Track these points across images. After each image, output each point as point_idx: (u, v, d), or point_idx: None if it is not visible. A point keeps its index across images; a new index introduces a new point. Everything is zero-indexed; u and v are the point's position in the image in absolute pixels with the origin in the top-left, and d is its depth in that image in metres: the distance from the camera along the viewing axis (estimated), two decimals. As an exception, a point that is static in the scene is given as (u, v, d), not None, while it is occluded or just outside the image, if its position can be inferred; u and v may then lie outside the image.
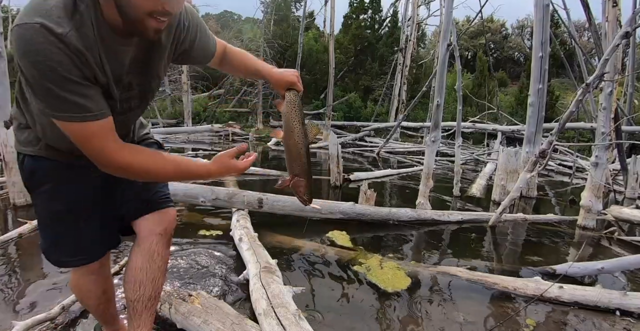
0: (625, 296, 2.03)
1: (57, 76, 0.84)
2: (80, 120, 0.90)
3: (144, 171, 1.01)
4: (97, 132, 0.93)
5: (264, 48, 14.77)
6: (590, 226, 3.64)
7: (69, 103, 0.87)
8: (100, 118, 0.92)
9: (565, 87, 17.78)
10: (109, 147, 0.95)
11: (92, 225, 1.20)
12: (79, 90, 0.88)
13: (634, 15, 3.45)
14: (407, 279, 2.33)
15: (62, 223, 1.17)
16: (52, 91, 0.85)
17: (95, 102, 0.91)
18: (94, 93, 0.91)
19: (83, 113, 0.89)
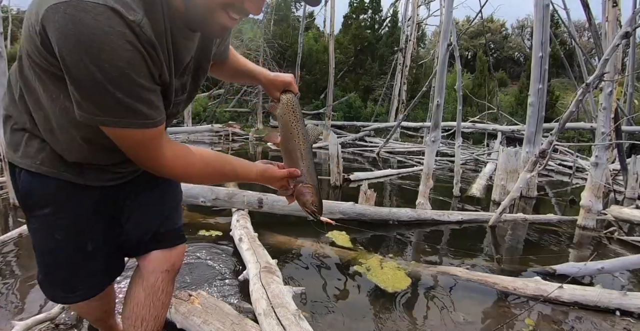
0: (625, 296, 2.03)
1: (125, 80, 0.71)
2: (140, 127, 0.78)
3: (197, 176, 0.96)
4: (155, 139, 0.83)
5: (264, 48, 14.77)
6: (590, 226, 3.64)
7: (130, 110, 0.75)
8: (159, 125, 0.82)
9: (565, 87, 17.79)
10: (164, 154, 0.86)
11: (98, 254, 1.05)
12: (144, 96, 0.76)
13: (634, 15, 3.45)
14: (407, 279, 2.33)
15: (62, 253, 1.01)
16: (113, 96, 0.71)
17: (157, 108, 0.81)
18: (157, 98, 0.81)
19: (144, 120, 0.78)
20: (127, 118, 0.76)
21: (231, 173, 0.99)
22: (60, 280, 1.05)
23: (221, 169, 0.97)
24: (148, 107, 0.78)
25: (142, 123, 0.79)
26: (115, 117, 0.76)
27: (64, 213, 0.97)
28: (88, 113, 0.75)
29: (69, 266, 1.03)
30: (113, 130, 0.79)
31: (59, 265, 1.02)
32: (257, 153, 9.25)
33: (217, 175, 0.97)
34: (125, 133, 0.79)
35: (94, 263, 1.06)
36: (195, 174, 0.94)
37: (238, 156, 1.19)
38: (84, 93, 0.72)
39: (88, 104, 0.73)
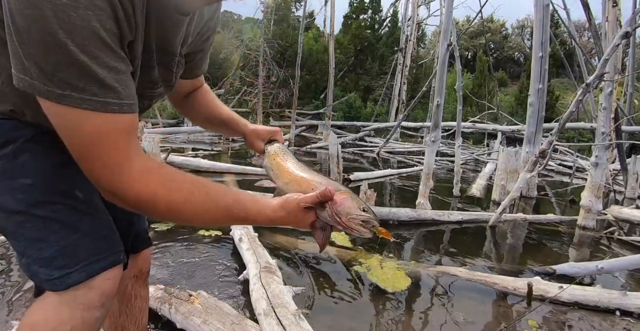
0: (625, 296, 2.03)
1: (90, 34, 0.51)
2: (100, 109, 0.55)
3: (180, 208, 0.63)
4: (121, 135, 0.58)
5: (264, 48, 14.78)
6: (590, 226, 3.64)
7: (92, 80, 0.53)
8: (129, 112, 0.58)
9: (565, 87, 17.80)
10: (130, 165, 0.59)
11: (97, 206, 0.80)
12: (112, 63, 0.55)
13: (634, 15, 3.46)
14: (407, 279, 2.33)
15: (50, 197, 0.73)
16: (70, 55, 0.51)
17: (126, 86, 0.58)
18: (126, 72, 0.59)
19: (107, 98, 0.55)
20: (84, 92, 0.53)
21: (235, 207, 0.68)
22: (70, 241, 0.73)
23: (219, 200, 0.67)
24: (116, 80, 0.56)
25: (104, 102, 0.55)
26: (65, 88, 0.53)
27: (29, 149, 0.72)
28: (26, 79, 0.53)
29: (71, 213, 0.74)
30: (57, 109, 0.55)
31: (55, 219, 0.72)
32: (257, 153, 9.24)
33: (213, 209, 0.66)
34: (76, 117, 0.55)
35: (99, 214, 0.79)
36: (177, 202, 0.62)
37: (237, 156, 1.04)
38: (27, 49, 0.52)
39: (31, 65, 0.52)
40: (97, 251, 0.76)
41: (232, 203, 0.68)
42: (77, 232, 0.74)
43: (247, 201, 0.70)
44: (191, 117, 1.07)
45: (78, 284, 0.72)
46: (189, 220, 0.68)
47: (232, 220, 0.70)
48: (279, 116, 15.86)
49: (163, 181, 0.62)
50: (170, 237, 2.82)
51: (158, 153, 4.39)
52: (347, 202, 0.70)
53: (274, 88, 15.99)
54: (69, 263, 0.72)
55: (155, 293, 1.77)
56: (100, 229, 0.78)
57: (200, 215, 0.66)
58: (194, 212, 0.65)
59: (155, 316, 1.73)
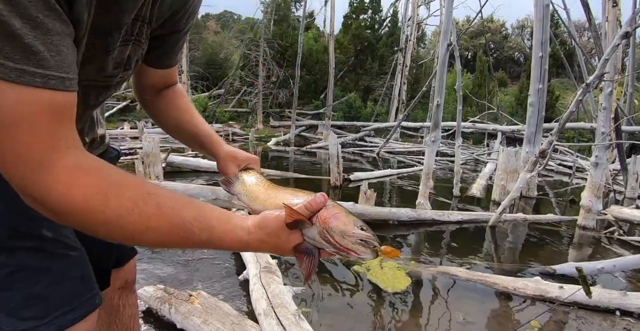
0: (625, 296, 2.03)
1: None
2: (14, 79, 0.41)
3: (115, 216, 0.48)
4: (42, 115, 0.44)
5: (264, 48, 14.78)
6: (590, 226, 3.64)
7: (5, 34, 0.39)
8: (56, 87, 0.44)
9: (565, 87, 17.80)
10: (52, 151, 0.45)
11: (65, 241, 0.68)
12: (38, 15, 0.41)
13: (634, 15, 3.46)
14: (407, 279, 2.33)
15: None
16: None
17: (59, 53, 0.43)
18: (62, 34, 0.44)
19: (26, 64, 0.41)
20: (7, 58, 0.40)
21: (195, 226, 0.52)
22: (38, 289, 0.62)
23: (174, 215, 0.51)
24: (43, 42, 0.41)
25: (22, 70, 0.41)
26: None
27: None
28: None
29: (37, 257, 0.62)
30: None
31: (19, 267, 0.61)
32: (257, 153, 9.26)
33: (164, 226, 0.50)
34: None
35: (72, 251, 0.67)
36: (115, 214, 0.48)
37: None
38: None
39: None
40: (69, 298, 0.65)
41: (192, 221, 0.52)
42: (45, 279, 0.63)
43: (213, 218, 0.54)
44: (160, 121, 0.88)
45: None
46: (132, 239, 0.51)
47: (190, 242, 0.53)
48: (279, 116, 15.86)
49: (100, 184, 0.47)
50: (170, 237, 2.82)
51: (158, 153, 4.39)
52: (342, 217, 0.55)
53: (274, 88, 15.99)
54: (37, 314, 0.62)
55: (155, 293, 1.77)
56: (74, 270, 0.67)
57: (147, 233, 0.50)
58: (140, 228, 0.49)
59: (155, 317, 1.73)
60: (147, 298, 1.77)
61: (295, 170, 6.58)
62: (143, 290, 1.81)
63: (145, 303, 1.79)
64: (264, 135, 12.71)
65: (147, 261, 2.39)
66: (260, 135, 12.65)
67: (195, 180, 5.11)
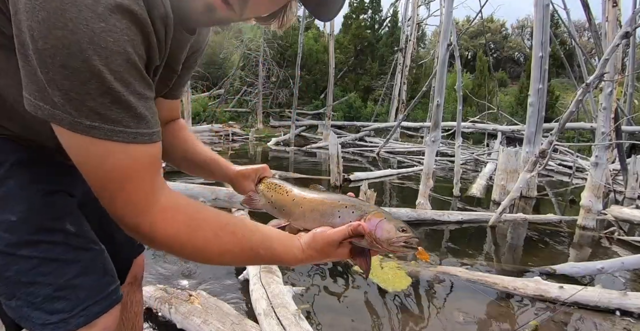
0: (625, 296, 2.03)
1: (123, 61, 0.48)
2: (130, 140, 0.51)
3: (202, 247, 0.60)
4: (147, 165, 0.54)
5: (264, 48, 14.78)
6: (590, 226, 3.64)
7: (123, 107, 0.49)
8: (156, 140, 0.55)
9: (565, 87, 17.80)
10: (156, 200, 0.56)
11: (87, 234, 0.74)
12: (142, 91, 0.51)
13: (634, 15, 3.46)
14: (407, 279, 2.33)
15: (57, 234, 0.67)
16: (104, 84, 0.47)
17: (154, 113, 0.55)
18: (152, 98, 0.55)
19: (137, 128, 0.51)
20: (115, 124, 0.49)
21: (261, 248, 0.64)
22: (65, 281, 0.66)
23: (245, 241, 0.63)
24: (146, 108, 0.52)
25: (136, 133, 0.51)
26: (95, 119, 0.48)
27: (14, 176, 0.65)
28: (50, 106, 0.48)
29: (63, 250, 0.67)
30: (80, 141, 0.50)
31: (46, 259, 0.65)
32: (257, 154, 9.25)
33: (238, 249, 0.62)
34: (103, 150, 0.50)
35: (94, 245, 0.73)
36: (202, 243, 0.59)
37: (237, 157, 0.88)
38: (52, 75, 0.46)
39: (55, 92, 0.47)
40: (95, 291, 0.69)
41: (259, 244, 0.64)
42: (71, 271, 0.67)
43: (274, 240, 0.65)
44: (167, 154, 0.93)
45: (77, 329, 0.67)
46: (213, 260, 0.63)
47: (259, 260, 0.65)
48: (279, 116, 15.86)
49: (188, 220, 0.58)
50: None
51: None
52: (385, 226, 0.63)
53: (274, 88, 15.99)
54: (66, 306, 0.65)
55: (155, 293, 1.77)
56: (97, 263, 0.72)
57: (225, 256, 0.62)
58: (219, 252, 0.61)
59: (155, 317, 1.73)
60: (147, 298, 1.77)
61: (295, 170, 6.58)
62: (143, 290, 1.80)
63: (145, 303, 1.79)
64: (264, 135, 12.72)
65: (147, 261, 2.39)
66: (260, 135, 12.65)
67: (195, 180, 5.11)
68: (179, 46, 0.68)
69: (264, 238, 0.64)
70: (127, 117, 0.50)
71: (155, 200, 0.55)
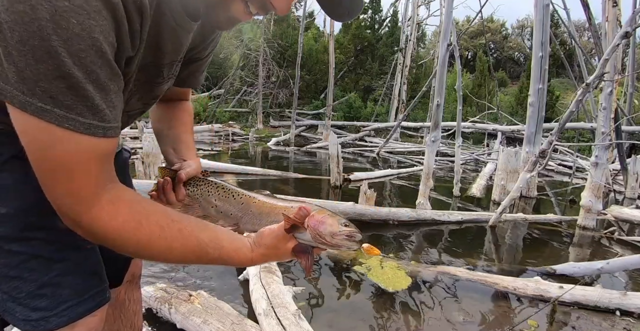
0: (625, 296, 2.03)
1: (87, 44, 0.46)
2: (82, 130, 0.50)
3: (145, 243, 0.58)
4: (95, 158, 0.53)
5: (264, 48, 14.78)
6: (590, 226, 3.64)
7: (80, 98, 0.48)
8: (110, 137, 0.54)
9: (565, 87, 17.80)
10: (100, 194, 0.55)
11: None
12: (104, 81, 0.50)
13: (634, 15, 3.46)
14: (407, 279, 2.33)
15: None
16: (61, 68, 0.46)
17: (113, 108, 0.53)
18: (118, 91, 0.54)
19: (92, 119, 0.50)
20: (68, 110, 0.48)
21: (210, 247, 0.63)
22: (50, 279, 0.65)
23: (192, 238, 0.62)
24: (105, 101, 0.51)
25: (89, 124, 0.50)
26: (48, 102, 0.47)
27: (9, 170, 0.63)
28: (2, 82, 0.47)
29: (52, 247, 0.65)
30: (30, 124, 0.48)
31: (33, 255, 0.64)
32: (257, 153, 9.26)
33: (184, 247, 0.61)
34: (51, 136, 0.49)
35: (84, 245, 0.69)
36: (146, 238, 0.58)
37: (237, 157, 0.88)
38: (8, 49, 0.45)
39: (10, 68, 0.46)
40: (81, 290, 0.67)
41: (208, 242, 0.62)
42: (58, 269, 0.65)
43: (224, 239, 0.64)
44: (153, 119, 0.95)
45: (57, 328, 0.65)
46: (156, 257, 0.62)
47: (206, 260, 0.63)
48: (279, 116, 15.86)
49: (133, 213, 0.57)
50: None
51: (158, 153, 4.39)
52: (328, 220, 0.65)
53: (274, 88, 15.99)
54: (48, 305, 0.64)
55: (155, 293, 1.77)
56: (86, 263, 0.70)
57: (170, 253, 0.60)
58: (165, 248, 0.59)
59: (155, 317, 1.73)
60: (147, 298, 1.77)
61: (295, 170, 6.58)
62: (143, 290, 1.80)
63: (145, 303, 1.79)
64: (264, 135, 12.72)
65: (147, 261, 2.39)
66: (260, 135, 12.65)
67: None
68: (175, 36, 0.66)
69: (213, 237, 0.63)
70: (81, 106, 0.48)
71: (100, 194, 0.54)
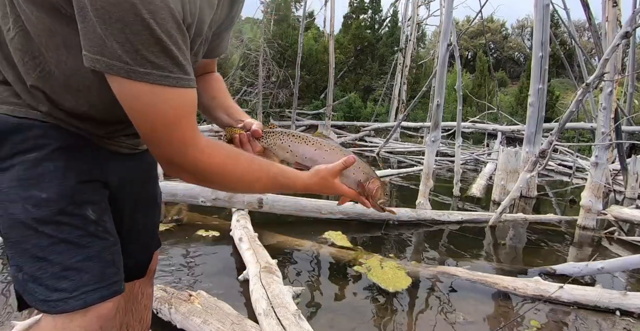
0: (625, 296, 2.03)
1: (167, 13, 0.54)
2: (177, 84, 0.59)
3: (239, 176, 0.72)
4: (191, 107, 0.63)
5: (264, 48, 14.77)
6: (590, 226, 3.64)
7: (169, 57, 0.57)
8: (194, 85, 0.63)
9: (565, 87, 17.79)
10: (195, 135, 0.65)
11: (106, 225, 0.77)
12: (180, 42, 0.58)
13: (634, 15, 3.45)
14: (407, 279, 2.33)
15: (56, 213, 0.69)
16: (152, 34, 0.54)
17: (190, 64, 0.62)
18: (188, 51, 0.62)
19: (181, 74, 0.59)
20: (163, 70, 0.57)
21: (280, 175, 0.78)
22: (74, 263, 0.69)
23: (269, 171, 0.76)
24: (184, 58, 0.60)
25: (179, 78, 0.59)
26: (147, 66, 0.56)
27: (53, 159, 0.69)
28: (107, 58, 0.55)
29: (79, 234, 0.71)
30: (134, 89, 0.57)
31: (62, 240, 0.69)
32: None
33: (264, 177, 0.75)
34: (153, 95, 0.58)
35: (108, 236, 0.76)
36: (240, 172, 0.71)
37: None
38: (110, 29, 0.53)
39: (113, 44, 0.54)
40: (100, 277, 0.72)
41: (279, 173, 0.78)
42: (82, 254, 0.71)
43: (287, 170, 0.81)
44: (204, 94, 1.03)
45: (74, 311, 0.70)
46: (247, 188, 0.80)
47: (279, 186, 0.79)
48: (279, 116, 15.85)
49: (225, 154, 0.70)
50: (170, 237, 2.82)
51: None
52: (379, 191, 0.89)
53: (274, 89, 15.98)
54: (69, 286, 0.69)
55: (155, 293, 1.77)
56: (107, 253, 0.75)
57: (257, 183, 0.75)
58: (252, 180, 0.74)
59: (155, 317, 1.73)
60: (147, 298, 1.77)
61: (295, 170, 6.57)
62: (143, 290, 1.80)
63: (145, 303, 1.79)
64: (264, 135, 12.69)
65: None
66: (260, 135, 12.63)
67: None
68: (205, 10, 0.69)
69: (280, 169, 0.79)
70: (171, 64, 0.57)
71: (198, 138, 0.65)
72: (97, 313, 0.72)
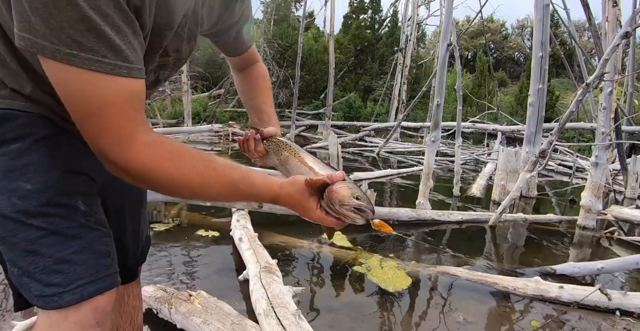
0: (625, 296, 2.03)
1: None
2: (111, 72, 0.53)
3: (185, 180, 0.62)
4: (126, 98, 0.55)
5: (264, 48, 14.77)
6: (590, 226, 3.64)
7: (102, 40, 0.51)
8: (136, 76, 0.56)
9: (565, 87, 17.79)
10: (138, 134, 0.58)
11: (98, 217, 0.74)
12: (121, 25, 0.53)
13: (634, 15, 3.45)
14: (407, 279, 2.33)
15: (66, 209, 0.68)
16: (82, 13, 0.49)
17: (134, 51, 0.56)
18: (137, 37, 0.56)
19: (118, 61, 0.53)
20: (92, 52, 0.51)
21: (241, 183, 0.67)
22: (66, 255, 0.67)
23: (226, 175, 0.66)
24: (125, 43, 0.53)
25: (114, 64, 0.53)
26: (74, 47, 0.50)
27: (37, 149, 0.66)
28: (32, 35, 0.50)
29: (69, 225, 0.68)
30: (62, 71, 0.52)
31: (52, 231, 0.66)
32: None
33: (219, 183, 0.65)
34: (82, 80, 0.52)
35: (100, 227, 0.73)
36: (183, 176, 0.61)
37: (237, 157, 0.99)
38: (35, 3, 0.48)
39: (37, 21, 0.49)
40: (94, 269, 0.69)
41: (240, 179, 0.67)
42: (74, 246, 0.67)
43: (255, 177, 0.69)
44: (238, 92, 1.09)
45: (69, 306, 0.67)
46: (193, 194, 0.66)
47: (239, 196, 0.69)
48: (279, 116, 15.79)
49: (170, 154, 0.60)
50: (170, 237, 2.82)
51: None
52: (342, 190, 0.69)
53: (274, 88, 15.98)
54: (62, 280, 0.66)
55: (155, 293, 1.77)
56: (100, 244, 0.72)
57: (205, 190, 0.65)
58: (199, 186, 0.64)
59: (155, 317, 1.73)
60: (147, 298, 1.77)
61: (295, 170, 6.56)
62: (143, 290, 1.80)
63: (145, 303, 1.79)
64: (264, 135, 12.69)
65: (147, 261, 2.39)
66: (260, 135, 12.63)
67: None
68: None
69: (245, 175, 0.68)
70: (103, 48, 0.51)
71: (138, 134, 0.57)
72: (92, 306, 0.69)
